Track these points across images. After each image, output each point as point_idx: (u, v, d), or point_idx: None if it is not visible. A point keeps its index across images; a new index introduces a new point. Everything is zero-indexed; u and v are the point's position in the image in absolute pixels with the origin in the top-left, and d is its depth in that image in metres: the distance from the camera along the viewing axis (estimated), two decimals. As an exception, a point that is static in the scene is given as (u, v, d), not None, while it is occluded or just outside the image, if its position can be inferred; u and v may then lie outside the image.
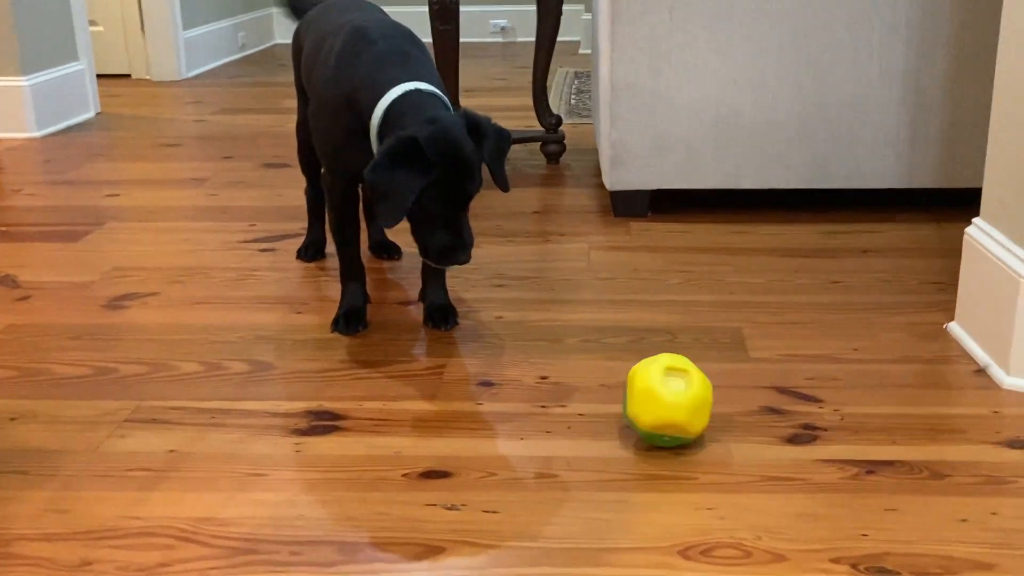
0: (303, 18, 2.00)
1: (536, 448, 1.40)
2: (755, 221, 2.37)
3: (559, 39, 4.83)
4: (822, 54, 2.27)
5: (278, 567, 1.15)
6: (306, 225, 2.22)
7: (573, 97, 3.98)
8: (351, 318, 1.80)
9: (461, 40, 5.42)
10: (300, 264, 2.14)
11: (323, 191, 1.85)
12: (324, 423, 1.48)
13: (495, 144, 1.60)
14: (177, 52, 4.56)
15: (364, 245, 2.16)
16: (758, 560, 1.15)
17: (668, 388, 1.33)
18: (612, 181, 2.39)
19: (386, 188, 1.47)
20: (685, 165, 2.36)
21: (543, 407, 1.51)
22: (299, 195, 2.56)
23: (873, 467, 1.34)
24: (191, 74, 4.68)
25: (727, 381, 1.58)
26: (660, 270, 2.07)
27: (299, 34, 1.98)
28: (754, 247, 2.20)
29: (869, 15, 2.23)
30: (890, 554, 1.16)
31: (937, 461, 1.35)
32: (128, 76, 4.63)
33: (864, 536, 1.19)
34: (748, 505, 1.26)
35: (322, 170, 1.79)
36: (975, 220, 1.70)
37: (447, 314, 1.81)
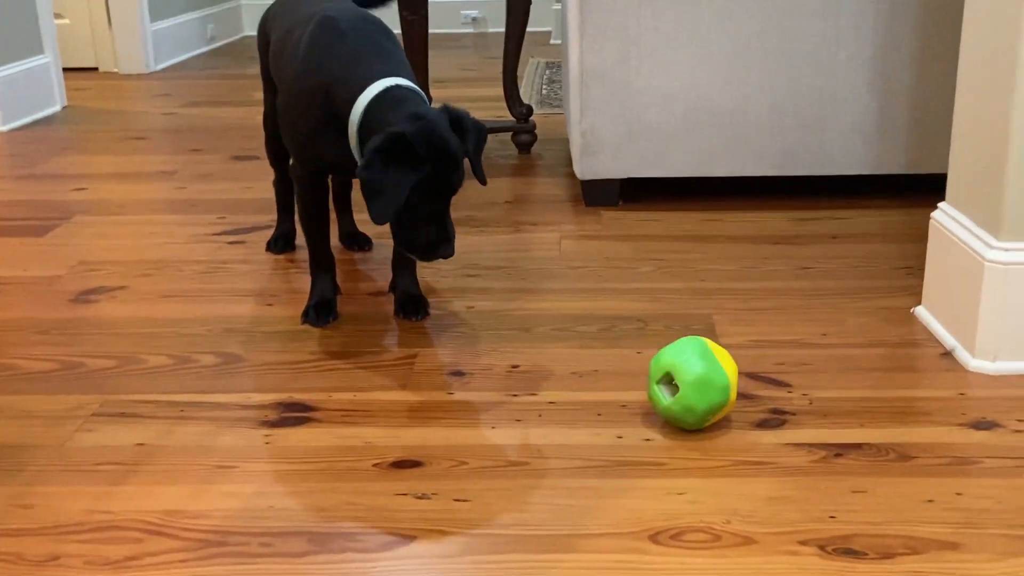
0: (268, 8, 1.98)
1: (507, 436, 1.40)
2: (726, 209, 2.38)
3: (530, 30, 4.83)
4: (792, 41, 2.28)
5: (248, 559, 1.15)
6: (275, 217, 2.21)
7: (544, 87, 3.98)
8: (321, 309, 1.79)
9: (433, 31, 5.42)
10: (270, 256, 2.13)
11: (292, 183, 1.84)
12: (294, 414, 1.47)
13: (475, 138, 1.60)
14: (145, 44, 4.52)
15: (334, 236, 2.16)
16: (727, 543, 1.16)
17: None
18: (583, 170, 2.39)
19: (379, 186, 1.47)
20: (655, 153, 2.36)
21: (514, 396, 1.52)
22: (268, 187, 2.54)
23: (841, 450, 1.35)
24: (159, 67, 4.64)
25: (697, 367, 1.59)
26: (631, 258, 2.07)
27: (265, 23, 1.96)
28: (725, 234, 2.21)
29: (837, 2, 2.25)
30: (858, 535, 1.17)
31: (904, 443, 1.36)
32: (95, 69, 4.58)
33: (832, 518, 1.20)
34: (718, 489, 1.26)
35: (291, 161, 1.78)
36: (941, 205, 1.71)
37: (418, 304, 1.81)
